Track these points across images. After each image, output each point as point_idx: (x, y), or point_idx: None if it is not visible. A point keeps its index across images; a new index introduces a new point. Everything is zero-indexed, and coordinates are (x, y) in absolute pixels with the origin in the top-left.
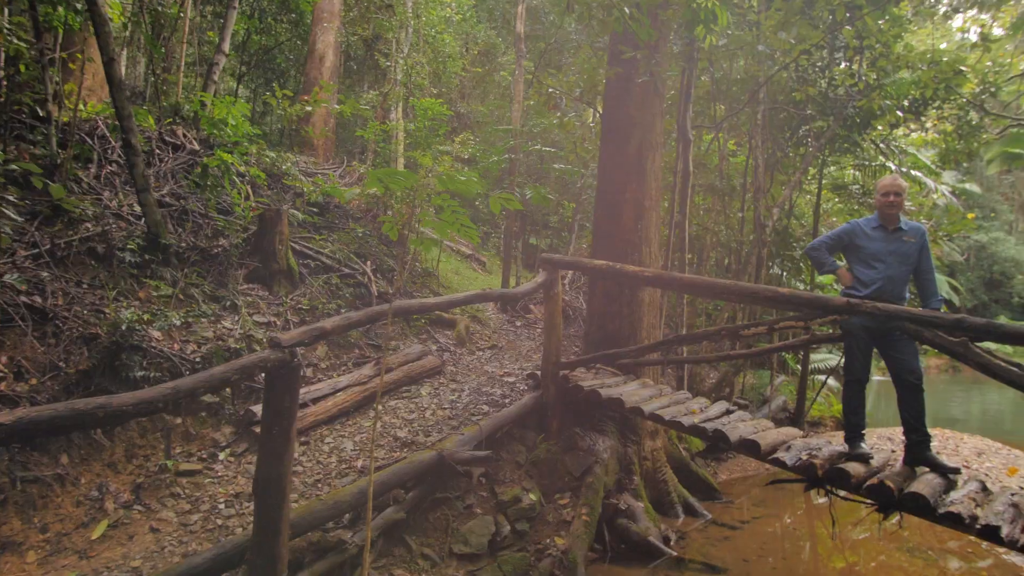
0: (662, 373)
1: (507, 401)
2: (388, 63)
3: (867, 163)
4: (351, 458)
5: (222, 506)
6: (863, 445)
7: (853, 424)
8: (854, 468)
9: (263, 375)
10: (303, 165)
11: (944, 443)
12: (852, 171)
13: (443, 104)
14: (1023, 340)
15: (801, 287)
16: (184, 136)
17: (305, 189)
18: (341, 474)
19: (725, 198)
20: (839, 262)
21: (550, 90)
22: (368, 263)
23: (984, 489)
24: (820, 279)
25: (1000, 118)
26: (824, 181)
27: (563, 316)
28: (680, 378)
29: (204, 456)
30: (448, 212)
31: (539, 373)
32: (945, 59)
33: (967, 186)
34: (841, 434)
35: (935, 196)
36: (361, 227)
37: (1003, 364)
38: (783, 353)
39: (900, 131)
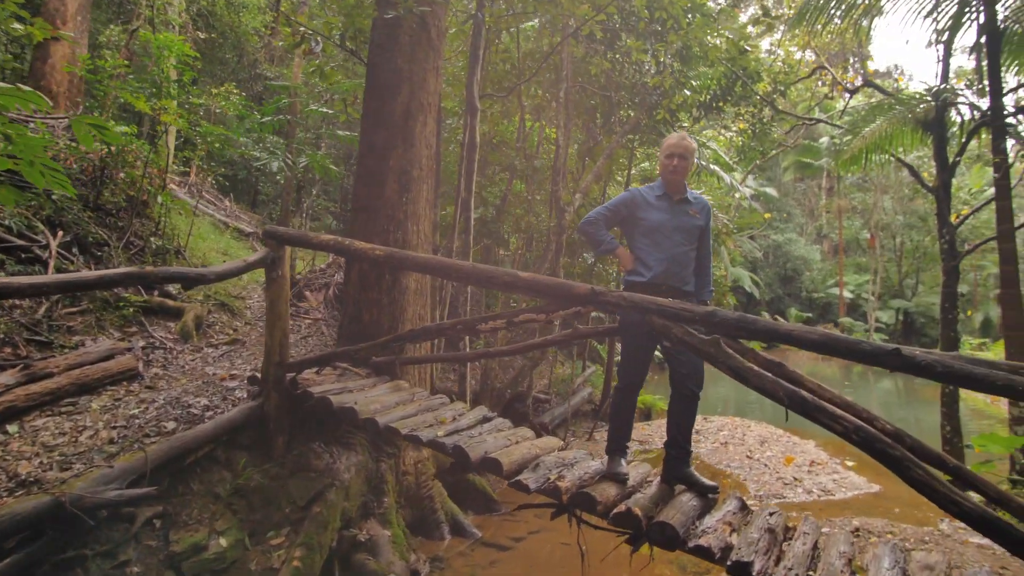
0: (444, 371)
1: (210, 415)
2: None
3: None
4: None
5: None
6: (623, 462)
7: (617, 436)
8: (603, 492)
9: None
10: (21, 113)
11: (732, 432)
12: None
13: (186, 43)
14: (771, 337)
15: (614, 283)
16: None
17: None
18: None
19: (528, 180)
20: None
21: (302, 29)
22: (60, 234)
23: (743, 508)
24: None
25: (789, 117)
26: (634, 172)
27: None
28: (462, 376)
29: None
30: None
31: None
32: (740, 48)
33: (767, 190)
34: (640, 426)
35: (738, 196)
36: (78, 190)
37: (755, 369)
38: (595, 342)
39: (709, 132)
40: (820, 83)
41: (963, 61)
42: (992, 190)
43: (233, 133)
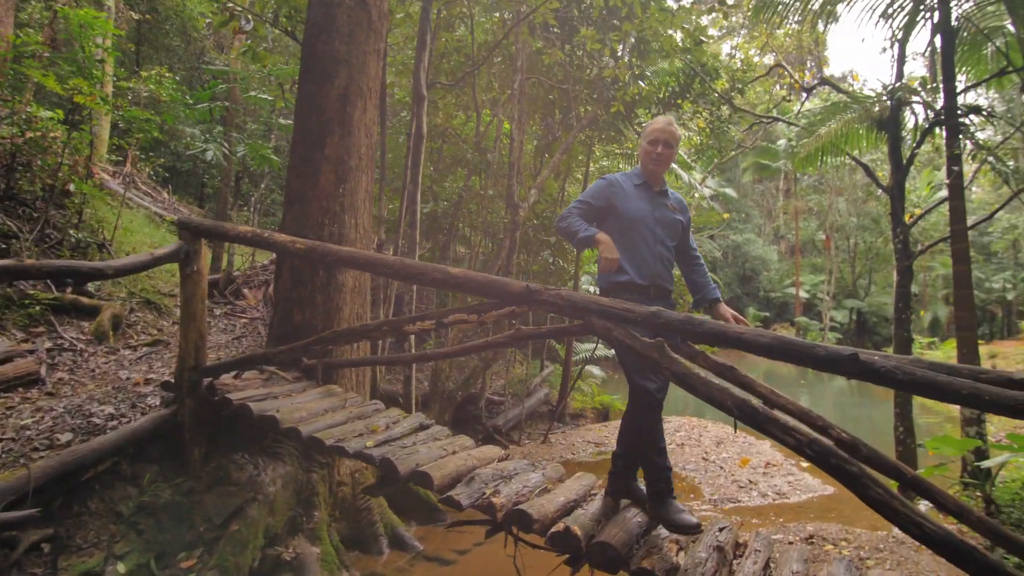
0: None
1: (114, 425)
2: None
3: (631, 152)
4: None
5: None
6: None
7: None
8: (540, 508)
9: None
10: None
11: (689, 432)
12: (623, 164)
13: (110, 21)
14: (720, 340)
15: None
16: None
17: None
18: None
19: (483, 175)
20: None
21: (230, 5)
22: None
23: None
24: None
25: (747, 115)
26: (592, 169)
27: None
28: (408, 378)
29: None
30: None
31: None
32: (696, 38)
33: (727, 190)
34: (597, 427)
35: (697, 196)
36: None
37: (702, 376)
38: (554, 341)
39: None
40: (778, 86)
41: (917, 68)
42: (941, 192)
43: (165, 119)
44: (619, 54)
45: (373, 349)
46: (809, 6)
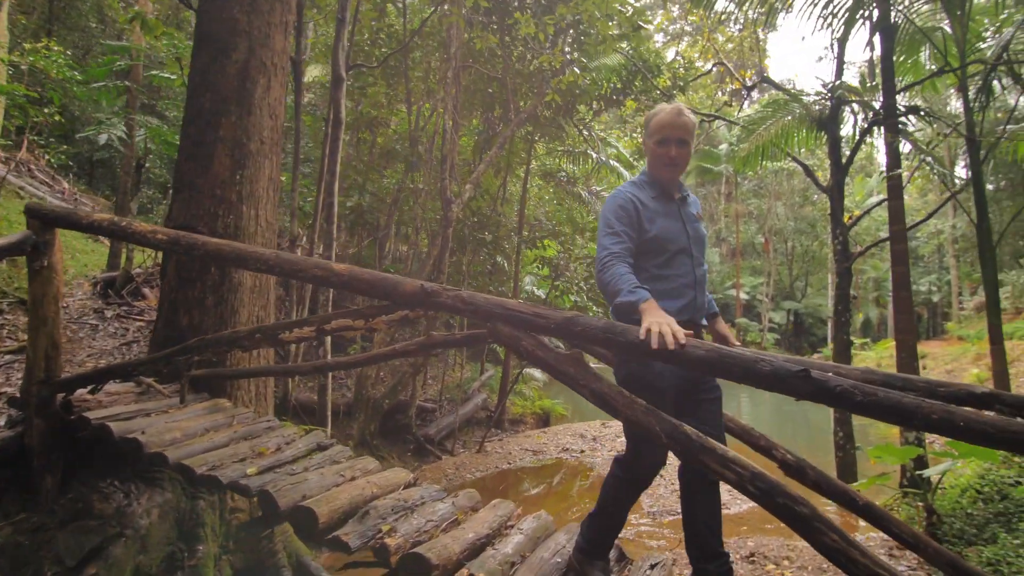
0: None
1: None
2: None
3: (573, 150)
4: None
5: None
6: (601, 567)
7: (604, 533)
8: (443, 550)
9: None
10: None
11: None
12: (566, 163)
13: None
14: (647, 351)
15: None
16: None
17: None
18: None
19: (414, 168)
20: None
21: None
22: None
23: (620, 558)
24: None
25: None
26: (535, 165)
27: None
28: (323, 387)
29: None
30: None
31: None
32: (634, 23)
33: None
34: (536, 434)
35: None
36: None
37: (625, 395)
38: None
39: (615, 135)
40: (720, 92)
41: (854, 79)
42: (872, 199)
43: (51, 97)
44: (556, 41)
45: (287, 356)
46: (746, 7)
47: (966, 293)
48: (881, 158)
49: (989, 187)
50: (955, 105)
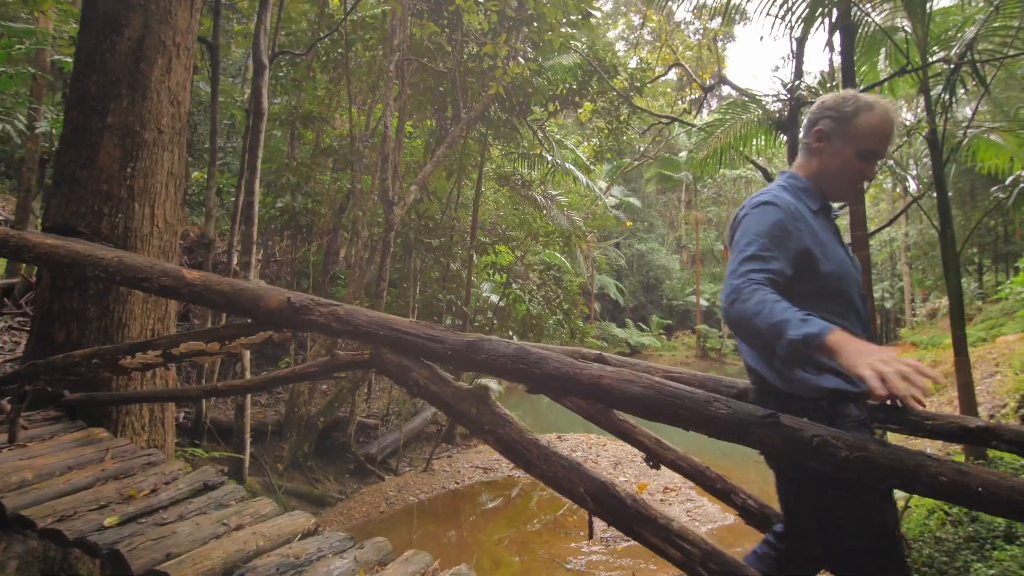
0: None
1: None
2: None
3: (528, 152)
4: None
5: None
6: None
7: None
8: None
9: None
10: None
11: (587, 452)
12: (522, 166)
13: None
14: (570, 387)
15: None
16: None
17: None
18: None
19: (353, 166)
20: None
21: None
22: None
23: None
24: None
25: (646, 114)
26: (490, 168)
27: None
28: (240, 408)
29: None
30: None
31: None
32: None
33: (631, 200)
34: (488, 449)
35: (600, 204)
36: None
37: (540, 446)
38: None
39: (573, 140)
40: (680, 101)
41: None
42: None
43: None
44: (509, 38)
45: (202, 373)
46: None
47: (918, 299)
48: None
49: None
50: (915, 111)
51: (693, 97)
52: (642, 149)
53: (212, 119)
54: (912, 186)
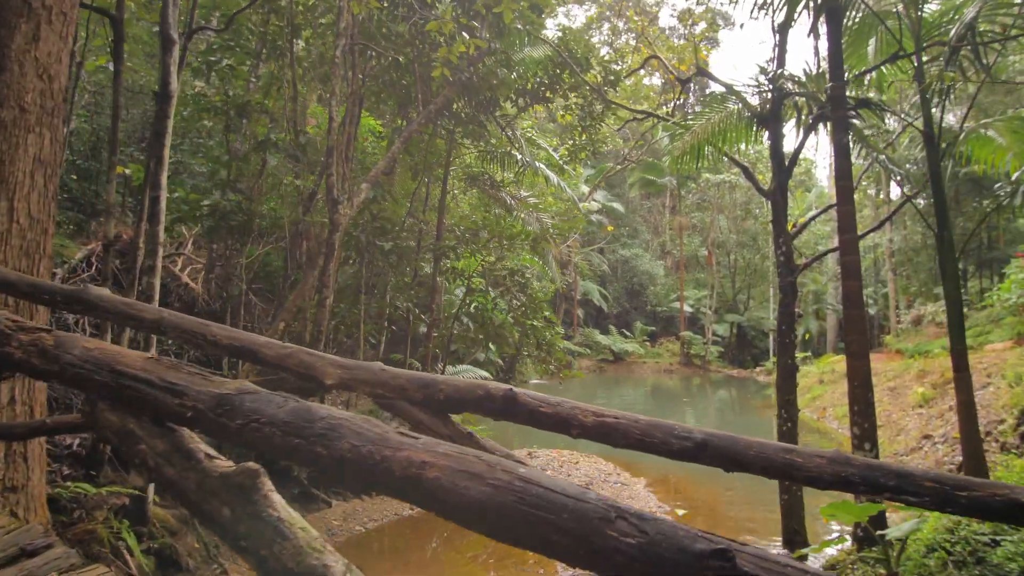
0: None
1: None
2: None
3: (495, 151)
4: None
5: None
6: None
7: None
8: None
9: None
10: None
11: (559, 469)
12: (492, 166)
13: None
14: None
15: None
16: None
17: None
18: None
19: (297, 161)
20: None
21: None
22: None
23: None
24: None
25: (621, 108)
26: (459, 167)
27: None
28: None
29: None
30: None
31: None
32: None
33: (615, 205)
34: None
35: (572, 204)
36: None
37: None
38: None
39: (549, 142)
40: (664, 104)
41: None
42: (815, 211)
43: None
44: (472, 29)
45: None
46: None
47: (903, 306)
48: (821, 172)
49: (920, 202)
50: (909, 104)
51: (679, 102)
52: (625, 152)
53: (115, 103)
54: (896, 191)
